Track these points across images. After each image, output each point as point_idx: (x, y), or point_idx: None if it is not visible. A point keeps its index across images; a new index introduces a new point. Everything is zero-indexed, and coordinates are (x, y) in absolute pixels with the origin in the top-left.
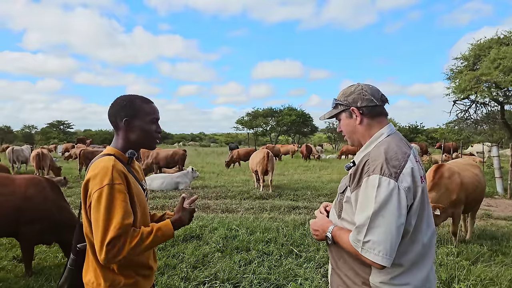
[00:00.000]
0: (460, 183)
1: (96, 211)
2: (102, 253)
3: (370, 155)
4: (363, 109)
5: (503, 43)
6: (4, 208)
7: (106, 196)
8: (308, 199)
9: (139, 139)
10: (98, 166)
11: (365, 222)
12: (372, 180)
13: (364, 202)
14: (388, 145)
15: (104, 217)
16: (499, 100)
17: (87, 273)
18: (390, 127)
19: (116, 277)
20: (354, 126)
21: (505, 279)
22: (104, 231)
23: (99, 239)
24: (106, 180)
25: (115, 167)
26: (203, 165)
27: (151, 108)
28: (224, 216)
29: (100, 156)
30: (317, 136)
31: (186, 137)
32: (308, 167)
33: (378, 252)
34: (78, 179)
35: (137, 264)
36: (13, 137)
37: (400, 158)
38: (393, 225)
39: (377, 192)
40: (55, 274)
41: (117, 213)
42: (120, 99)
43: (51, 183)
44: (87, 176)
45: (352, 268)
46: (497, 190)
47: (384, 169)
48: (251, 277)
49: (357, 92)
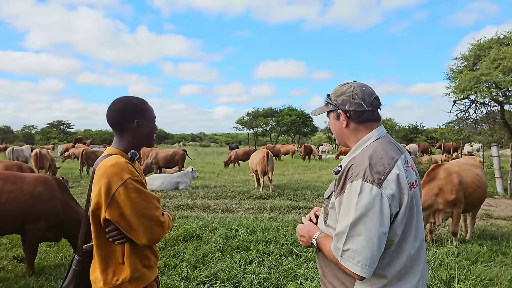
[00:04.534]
0: (459, 183)
1: (130, 202)
2: (150, 234)
3: (355, 160)
4: (351, 113)
5: (503, 43)
6: (13, 205)
7: (134, 187)
8: (308, 199)
9: (145, 138)
10: (110, 164)
11: (345, 229)
12: (354, 186)
13: (345, 209)
14: (374, 150)
15: (143, 206)
16: (499, 100)
17: (95, 270)
18: (379, 130)
19: (123, 272)
20: (340, 128)
21: (505, 279)
22: (150, 216)
23: (147, 223)
24: (126, 175)
25: (126, 163)
26: (203, 165)
27: (150, 108)
28: (224, 216)
29: (103, 157)
30: (317, 136)
31: (186, 137)
32: (308, 167)
33: (357, 262)
34: (79, 179)
35: (142, 255)
36: (13, 137)
37: (385, 163)
38: (375, 234)
39: (359, 199)
40: (55, 274)
41: (152, 198)
42: (122, 102)
43: (59, 182)
44: (101, 177)
45: (337, 278)
46: (497, 190)
47: (367, 175)
48: (251, 277)
49: (347, 94)
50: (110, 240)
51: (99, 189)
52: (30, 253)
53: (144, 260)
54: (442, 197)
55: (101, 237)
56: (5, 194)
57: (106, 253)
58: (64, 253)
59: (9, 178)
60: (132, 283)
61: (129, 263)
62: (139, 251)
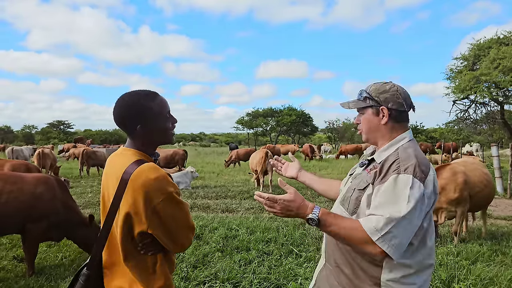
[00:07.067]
0: (463, 182)
1: (172, 216)
2: (183, 245)
3: (399, 155)
4: (393, 111)
5: (503, 43)
6: (14, 205)
7: (177, 201)
8: (308, 199)
9: (157, 139)
10: (154, 178)
11: (395, 215)
12: (403, 179)
13: (391, 197)
14: (415, 149)
15: (183, 217)
16: (499, 100)
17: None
18: (410, 132)
19: (156, 282)
20: (378, 125)
21: (505, 279)
22: (188, 226)
23: (186, 233)
24: (170, 188)
25: (167, 175)
26: (203, 165)
27: (160, 104)
28: (224, 216)
29: (134, 164)
30: (317, 136)
31: (186, 137)
32: (308, 167)
33: (392, 245)
34: (79, 179)
35: (171, 262)
36: (13, 137)
37: (427, 164)
38: (414, 225)
39: (411, 192)
40: (55, 274)
41: (187, 207)
42: (126, 105)
43: (59, 182)
44: (140, 188)
45: (360, 268)
46: (497, 190)
47: (417, 171)
48: (251, 277)
49: (391, 92)
50: (142, 252)
51: (136, 202)
52: (31, 253)
53: (172, 266)
54: (445, 196)
55: (131, 248)
56: (5, 194)
57: (137, 264)
58: (64, 253)
59: (9, 179)
60: None
61: (162, 272)
62: (169, 259)
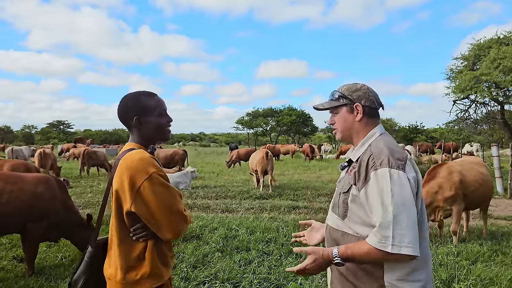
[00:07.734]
0: (459, 181)
1: (155, 196)
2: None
3: (372, 150)
4: (366, 108)
5: (503, 43)
6: (14, 205)
7: (160, 181)
8: (308, 199)
9: (152, 134)
10: (138, 158)
11: (388, 217)
12: (381, 174)
13: (378, 197)
14: (386, 140)
15: (168, 200)
16: (499, 100)
17: (111, 265)
18: (381, 127)
19: (143, 267)
20: (353, 122)
21: (505, 279)
22: (176, 210)
23: (172, 217)
24: (152, 169)
25: (152, 158)
26: (203, 165)
27: (157, 101)
28: (224, 216)
29: (127, 150)
30: (317, 136)
31: (186, 137)
32: (308, 167)
33: (407, 244)
34: (79, 179)
35: (162, 253)
36: (13, 137)
37: (400, 151)
38: (414, 214)
39: (392, 185)
40: (55, 274)
41: (176, 193)
42: (126, 99)
43: (59, 182)
44: (126, 170)
45: (362, 269)
46: (497, 190)
47: (391, 161)
48: (251, 277)
49: (363, 90)
50: (134, 238)
51: (123, 181)
52: (31, 253)
53: (163, 257)
54: (441, 195)
55: (124, 232)
56: (6, 194)
57: (127, 248)
58: (64, 253)
59: (10, 178)
60: (149, 279)
61: (150, 259)
62: (159, 248)
